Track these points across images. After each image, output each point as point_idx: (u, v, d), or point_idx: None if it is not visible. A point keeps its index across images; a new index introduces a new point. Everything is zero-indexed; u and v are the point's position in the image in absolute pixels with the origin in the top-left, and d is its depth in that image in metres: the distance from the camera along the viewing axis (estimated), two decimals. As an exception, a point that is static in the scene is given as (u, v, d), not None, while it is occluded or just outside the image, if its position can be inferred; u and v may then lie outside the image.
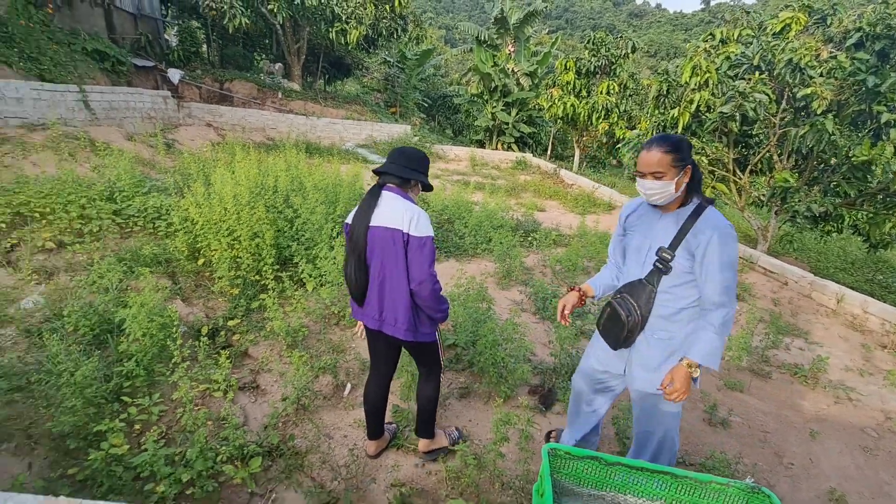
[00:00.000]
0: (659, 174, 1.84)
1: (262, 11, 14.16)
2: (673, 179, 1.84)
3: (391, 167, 2.23)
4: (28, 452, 2.44)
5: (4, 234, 4.32)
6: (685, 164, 1.85)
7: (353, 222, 2.20)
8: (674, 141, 1.85)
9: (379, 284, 2.21)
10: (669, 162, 1.82)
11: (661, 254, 1.93)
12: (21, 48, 8.39)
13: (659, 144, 1.84)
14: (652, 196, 1.90)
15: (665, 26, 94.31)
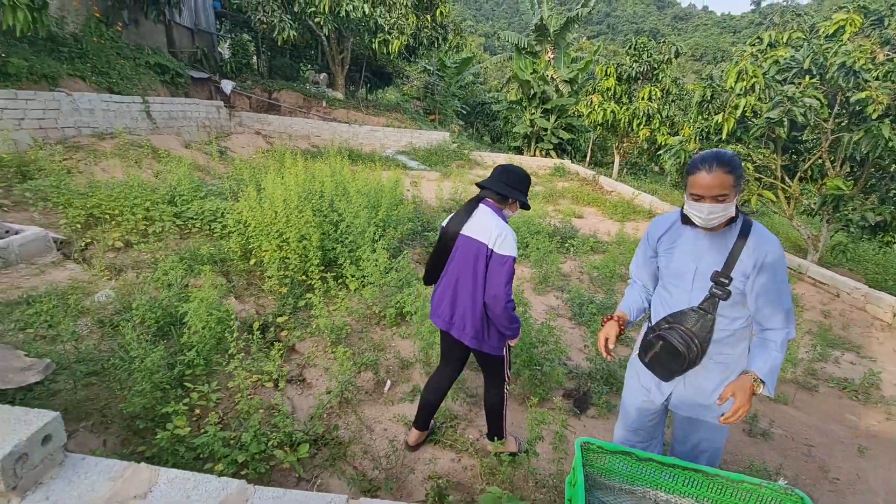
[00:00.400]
0: (722, 197, 1.69)
1: (308, 24, 14.75)
2: (734, 201, 1.73)
3: (493, 183, 2.32)
4: (103, 431, 2.69)
5: (80, 233, 4.73)
6: (741, 182, 1.75)
7: (447, 226, 2.36)
8: (732, 159, 1.71)
9: (453, 290, 2.35)
10: (732, 183, 1.69)
11: (719, 279, 1.79)
12: (93, 63, 9.12)
13: (721, 165, 1.68)
14: (713, 220, 1.73)
15: (712, 29, 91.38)
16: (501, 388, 2.60)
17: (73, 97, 7.82)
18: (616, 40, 75.77)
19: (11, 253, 3.99)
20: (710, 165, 1.69)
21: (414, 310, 3.78)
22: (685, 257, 1.90)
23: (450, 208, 7.81)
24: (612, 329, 2.01)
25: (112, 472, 1.55)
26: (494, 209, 2.29)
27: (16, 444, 1.41)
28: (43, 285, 3.82)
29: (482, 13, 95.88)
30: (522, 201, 2.34)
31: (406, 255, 4.54)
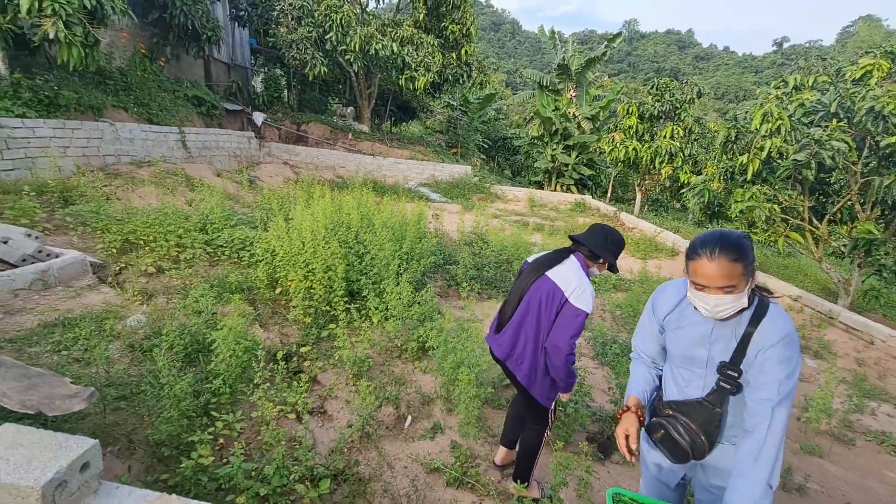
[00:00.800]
0: (730, 288, 1.49)
1: (339, 61, 15.37)
2: (745, 290, 1.51)
3: (589, 240, 2.37)
4: (128, 456, 2.71)
5: (115, 258, 4.89)
6: (753, 268, 1.52)
7: (533, 263, 2.46)
8: (739, 243, 1.49)
9: (518, 323, 2.41)
10: (741, 272, 1.47)
11: (726, 371, 1.60)
12: (136, 95, 9.64)
13: (725, 251, 1.48)
14: (720, 313, 1.54)
15: (733, 69, 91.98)
16: (541, 432, 2.60)
17: (116, 127, 8.23)
18: (637, 78, 76.70)
19: (51, 276, 4.14)
20: (713, 252, 1.48)
21: (436, 345, 3.77)
22: (695, 342, 1.69)
23: (471, 241, 7.86)
24: (632, 424, 1.74)
25: (145, 501, 1.56)
26: (582, 263, 2.34)
27: (57, 470, 1.44)
28: (78, 308, 3.94)
29: (505, 51, 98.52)
30: (612, 263, 2.37)
31: (429, 288, 4.57)
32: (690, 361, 1.71)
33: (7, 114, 6.52)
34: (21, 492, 1.39)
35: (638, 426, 1.76)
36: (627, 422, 1.76)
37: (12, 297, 3.87)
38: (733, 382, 1.59)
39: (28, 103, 6.94)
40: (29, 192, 5.58)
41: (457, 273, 5.94)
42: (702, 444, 1.65)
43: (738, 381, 1.58)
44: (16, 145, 6.53)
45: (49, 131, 7.01)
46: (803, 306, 6.84)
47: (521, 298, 2.40)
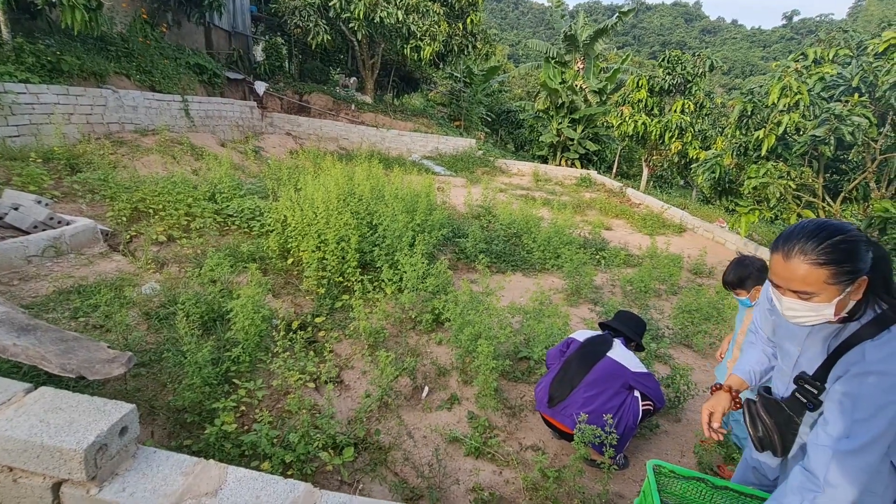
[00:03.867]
0: (806, 295, 1.25)
1: (341, 29, 14.98)
2: (832, 300, 1.23)
3: (624, 328, 3.04)
4: (150, 422, 2.73)
5: (125, 226, 4.85)
6: (857, 276, 1.21)
7: (587, 343, 2.96)
8: (831, 244, 1.20)
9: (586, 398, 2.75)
10: (825, 279, 1.20)
11: (803, 384, 1.39)
12: (138, 62, 9.40)
13: (805, 252, 1.22)
14: (794, 318, 1.31)
15: (741, 43, 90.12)
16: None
17: (119, 94, 8.06)
18: (642, 52, 75.19)
19: (63, 243, 4.10)
20: (791, 249, 1.24)
21: (452, 317, 3.76)
22: (789, 335, 1.49)
23: (479, 214, 7.80)
24: (720, 403, 1.61)
25: (183, 467, 1.56)
26: (624, 345, 2.96)
27: (97, 434, 1.43)
28: (92, 275, 3.92)
29: (507, 22, 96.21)
30: (640, 344, 3.08)
31: (443, 261, 4.54)
32: (783, 354, 1.53)
33: (11, 78, 6.36)
34: (64, 454, 1.38)
35: (727, 406, 1.62)
36: (715, 400, 1.64)
37: (26, 264, 3.84)
38: (811, 398, 1.36)
39: (31, 68, 6.77)
40: (35, 158, 5.49)
41: (466, 246, 5.91)
42: (773, 444, 1.48)
43: (817, 399, 1.35)
44: (20, 111, 6.40)
45: (53, 97, 6.86)
46: (812, 284, 6.82)
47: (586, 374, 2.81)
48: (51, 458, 1.40)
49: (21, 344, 1.44)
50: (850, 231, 1.22)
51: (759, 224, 9.44)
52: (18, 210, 4.16)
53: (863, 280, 1.22)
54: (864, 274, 1.21)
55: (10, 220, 4.17)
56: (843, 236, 1.20)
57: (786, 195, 6.94)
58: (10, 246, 3.75)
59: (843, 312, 1.27)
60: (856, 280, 1.21)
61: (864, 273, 1.21)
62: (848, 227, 1.25)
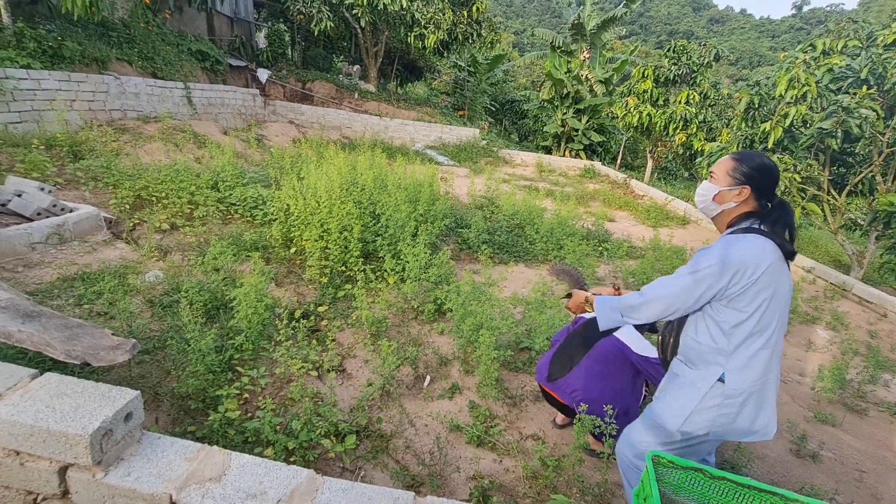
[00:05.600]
0: (713, 175, 1.74)
1: (345, 16, 14.84)
2: (718, 187, 1.70)
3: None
4: (155, 408, 2.76)
5: (128, 214, 4.85)
6: (743, 183, 1.67)
7: (592, 320, 2.66)
8: (750, 156, 1.70)
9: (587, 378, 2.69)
10: (728, 169, 1.69)
11: None
12: (140, 48, 9.34)
13: (736, 154, 1.74)
14: (697, 198, 1.80)
15: (749, 33, 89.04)
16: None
17: (121, 80, 8.03)
18: (648, 41, 74.34)
19: (67, 230, 4.11)
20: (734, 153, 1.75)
21: (454, 307, 3.77)
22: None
23: (482, 205, 7.78)
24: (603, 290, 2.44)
25: (188, 452, 1.57)
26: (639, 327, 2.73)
27: (103, 419, 1.44)
28: (96, 263, 3.93)
29: (512, 10, 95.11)
30: (654, 325, 2.74)
31: (445, 251, 4.54)
32: None
33: (12, 64, 6.33)
34: (70, 439, 1.40)
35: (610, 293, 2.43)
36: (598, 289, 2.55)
37: (29, 251, 3.85)
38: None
39: (32, 54, 6.74)
40: (38, 145, 5.48)
41: (469, 237, 5.90)
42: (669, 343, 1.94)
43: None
44: (22, 97, 6.38)
45: (55, 83, 6.83)
46: (816, 278, 6.81)
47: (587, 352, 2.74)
48: (57, 443, 1.42)
49: (26, 330, 1.45)
50: (768, 162, 1.69)
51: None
52: (22, 197, 4.17)
53: (745, 188, 1.68)
54: (747, 185, 1.67)
55: (14, 207, 4.18)
56: (760, 158, 1.69)
57: (791, 188, 6.89)
58: (14, 233, 3.76)
59: (721, 205, 1.74)
60: (741, 185, 1.68)
61: (749, 186, 1.67)
62: (768, 159, 1.71)
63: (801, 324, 5.37)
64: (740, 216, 1.72)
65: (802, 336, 5.12)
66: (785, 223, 1.67)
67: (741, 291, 1.62)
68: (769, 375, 1.71)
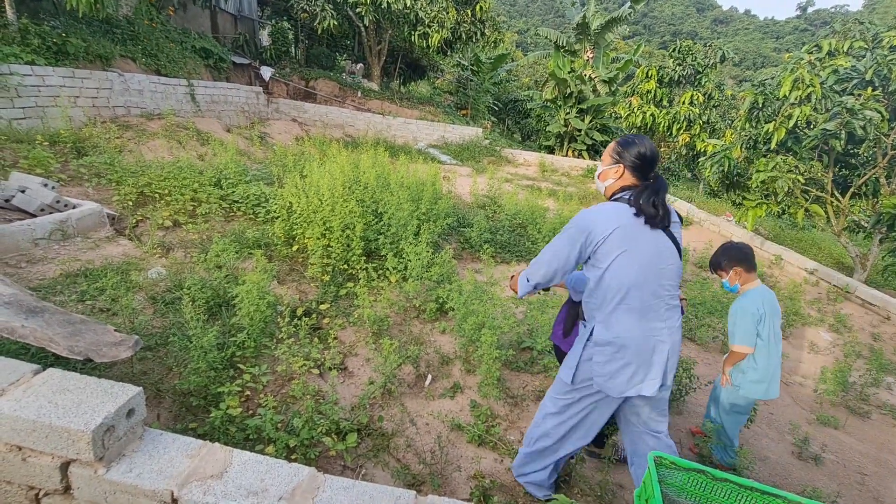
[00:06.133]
0: (602, 157, 2.08)
1: (348, 14, 14.83)
2: (602, 166, 2.03)
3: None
4: (156, 405, 2.76)
5: (131, 210, 4.86)
6: (618, 162, 1.97)
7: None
8: (629, 139, 1.98)
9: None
10: (610, 151, 2.01)
11: None
12: (144, 45, 9.35)
13: (620, 137, 2.05)
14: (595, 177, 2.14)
15: (753, 34, 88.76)
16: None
17: (125, 77, 8.04)
18: (652, 41, 74.15)
19: (70, 226, 4.12)
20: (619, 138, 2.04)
21: (456, 306, 3.76)
22: None
23: (484, 204, 7.77)
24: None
25: (189, 449, 1.58)
26: None
27: (105, 415, 1.44)
28: (98, 259, 3.94)
29: (516, 9, 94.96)
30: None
31: (448, 250, 4.53)
32: None
33: (16, 60, 6.34)
34: (72, 435, 1.40)
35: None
36: None
37: (33, 247, 3.86)
38: None
39: (37, 50, 6.75)
40: (42, 141, 5.49)
41: (471, 236, 5.89)
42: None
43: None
44: (26, 93, 6.39)
45: (59, 80, 6.84)
46: (819, 280, 6.79)
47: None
48: (59, 439, 1.42)
49: (29, 326, 1.45)
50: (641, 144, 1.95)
51: (767, 218, 9.37)
52: (25, 193, 4.18)
53: (619, 167, 1.97)
54: (622, 164, 1.96)
55: (18, 203, 4.19)
56: (631, 139, 1.98)
57: (794, 189, 6.87)
58: (18, 228, 3.77)
59: (604, 182, 2.04)
60: (617, 163, 1.97)
61: (622, 164, 1.96)
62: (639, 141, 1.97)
63: (803, 326, 5.36)
64: (618, 190, 1.99)
65: (805, 338, 5.10)
66: (651, 194, 1.89)
67: (595, 249, 1.89)
68: (637, 333, 1.91)
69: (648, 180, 1.96)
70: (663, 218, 1.90)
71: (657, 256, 1.90)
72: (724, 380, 2.83)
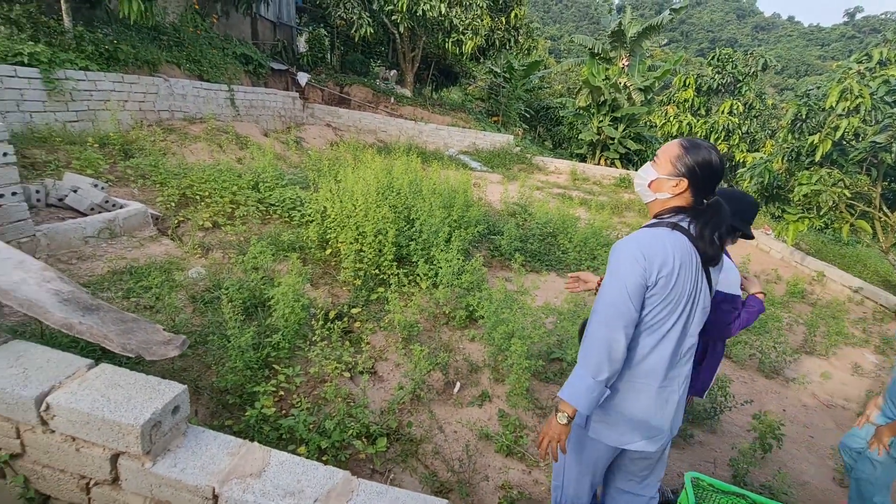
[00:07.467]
0: (656, 159, 1.62)
1: (384, 22, 15.07)
2: (657, 173, 1.58)
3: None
4: (195, 401, 2.85)
5: (174, 211, 5.05)
6: (682, 175, 1.54)
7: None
8: (698, 146, 1.55)
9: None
10: (672, 157, 1.55)
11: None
12: (188, 52, 9.74)
13: (685, 139, 1.61)
14: (635, 178, 1.70)
15: (797, 41, 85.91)
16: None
17: (170, 82, 8.38)
18: (689, 49, 72.58)
19: (117, 225, 4.31)
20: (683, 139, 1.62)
21: (486, 314, 3.76)
22: None
23: (515, 212, 7.74)
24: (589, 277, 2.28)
25: (230, 447, 1.62)
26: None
27: (153, 411, 1.51)
28: (143, 258, 4.10)
29: (550, 16, 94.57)
30: (747, 232, 2.25)
31: (478, 258, 4.54)
32: None
33: (71, 66, 6.70)
34: (122, 428, 1.46)
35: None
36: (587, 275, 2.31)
37: (83, 244, 4.05)
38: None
39: (90, 56, 7.11)
40: (93, 143, 5.77)
41: (501, 244, 5.88)
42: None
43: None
44: (80, 97, 6.74)
45: (109, 85, 7.19)
46: (864, 298, 6.49)
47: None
48: (110, 431, 1.49)
49: (86, 323, 1.53)
50: (715, 158, 1.55)
51: (808, 233, 9.02)
52: (77, 192, 4.39)
53: (682, 181, 1.55)
54: (685, 179, 1.54)
55: (70, 202, 4.41)
56: (711, 156, 1.53)
57: (839, 204, 6.60)
58: (70, 226, 3.97)
59: (655, 193, 1.61)
60: (681, 176, 1.55)
61: (687, 180, 1.54)
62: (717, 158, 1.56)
63: (847, 346, 5.12)
64: (671, 209, 1.60)
65: (848, 359, 4.88)
66: (714, 227, 1.56)
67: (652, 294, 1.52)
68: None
69: (705, 201, 1.59)
70: (718, 257, 1.59)
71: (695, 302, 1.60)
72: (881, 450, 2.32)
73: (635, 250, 1.49)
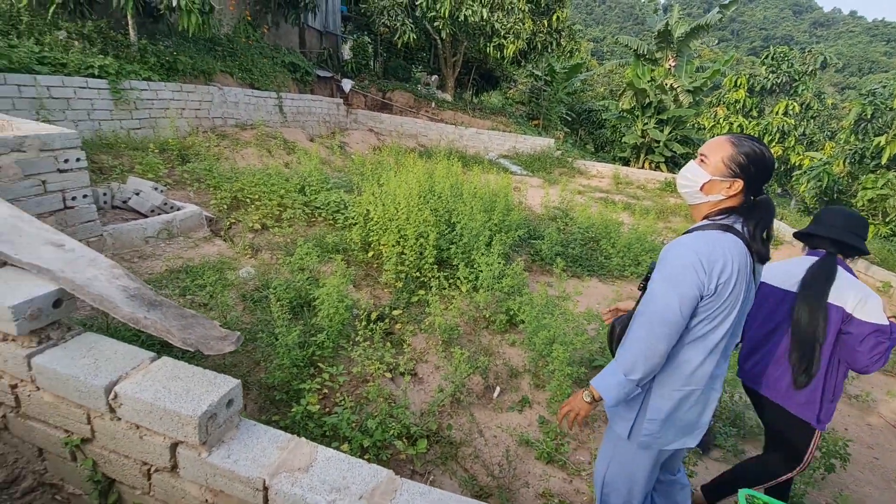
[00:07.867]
0: (704, 159, 1.51)
1: (426, 28, 15.27)
2: (708, 174, 1.49)
3: (835, 231, 2.06)
4: (244, 396, 2.96)
5: (226, 213, 5.28)
6: (737, 175, 1.46)
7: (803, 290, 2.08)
8: (750, 143, 1.47)
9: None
10: (724, 157, 1.46)
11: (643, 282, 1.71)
12: (241, 61, 10.22)
13: (733, 136, 1.52)
14: (680, 179, 1.60)
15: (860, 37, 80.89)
16: (785, 468, 2.15)
17: (224, 91, 8.80)
18: (740, 47, 69.63)
19: (174, 226, 4.55)
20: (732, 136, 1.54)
21: (527, 319, 3.73)
22: None
23: (555, 216, 7.64)
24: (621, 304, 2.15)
25: (279, 441, 1.68)
26: (842, 264, 2.05)
27: (210, 403, 1.58)
28: (197, 257, 4.31)
29: (593, 17, 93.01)
30: (862, 249, 2.06)
31: (519, 262, 4.51)
32: None
33: (136, 76, 7.16)
34: (182, 419, 1.54)
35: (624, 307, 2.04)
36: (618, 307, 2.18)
37: (144, 244, 4.31)
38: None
39: (152, 67, 7.58)
40: (153, 149, 6.13)
41: (542, 248, 5.82)
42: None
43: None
44: (143, 106, 7.19)
45: (169, 94, 7.64)
46: (938, 312, 6.01)
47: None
48: (171, 421, 1.57)
49: (151, 318, 1.63)
50: (767, 154, 1.49)
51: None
52: (139, 195, 4.67)
53: (737, 182, 1.47)
54: (741, 179, 1.46)
55: (133, 204, 4.70)
56: (764, 153, 1.47)
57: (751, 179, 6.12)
58: (133, 227, 4.22)
59: (707, 196, 1.52)
60: (736, 177, 1.47)
61: (742, 180, 1.46)
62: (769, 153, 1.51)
63: None
64: (723, 210, 1.53)
65: None
66: (766, 225, 1.50)
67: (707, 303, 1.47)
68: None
69: (753, 198, 1.53)
70: (768, 256, 1.53)
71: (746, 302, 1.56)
72: None
73: (695, 259, 1.42)
